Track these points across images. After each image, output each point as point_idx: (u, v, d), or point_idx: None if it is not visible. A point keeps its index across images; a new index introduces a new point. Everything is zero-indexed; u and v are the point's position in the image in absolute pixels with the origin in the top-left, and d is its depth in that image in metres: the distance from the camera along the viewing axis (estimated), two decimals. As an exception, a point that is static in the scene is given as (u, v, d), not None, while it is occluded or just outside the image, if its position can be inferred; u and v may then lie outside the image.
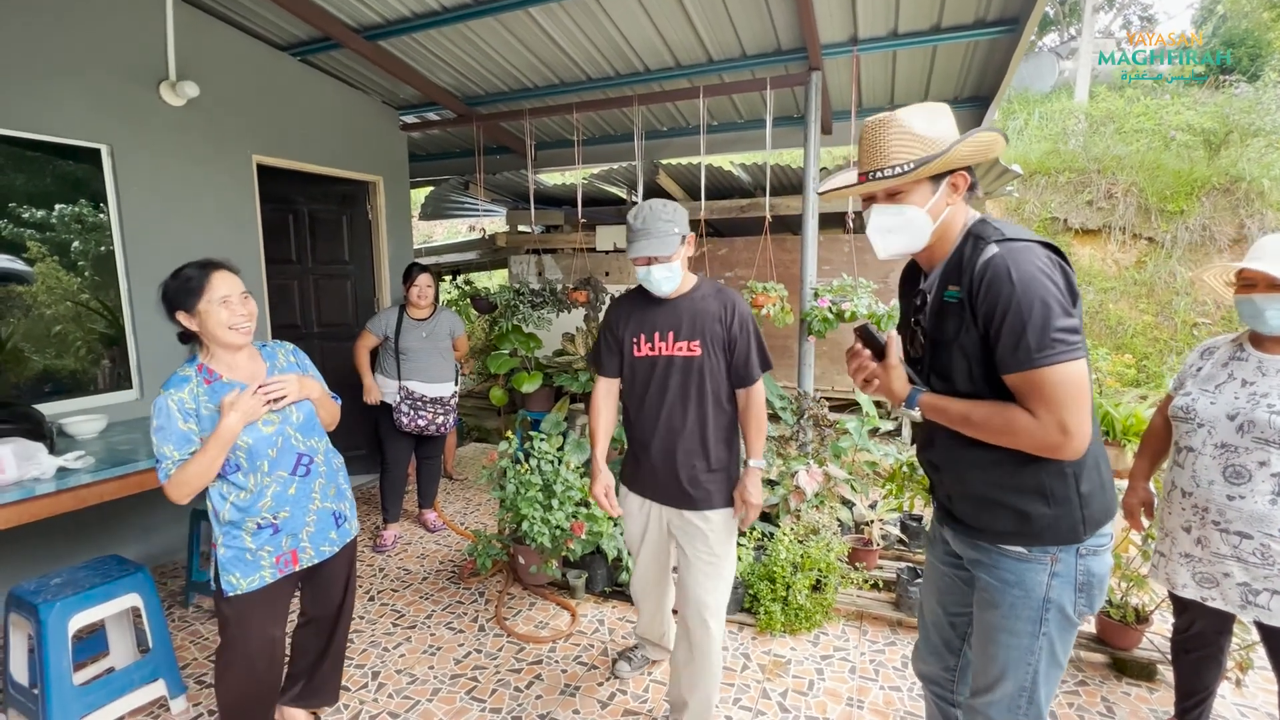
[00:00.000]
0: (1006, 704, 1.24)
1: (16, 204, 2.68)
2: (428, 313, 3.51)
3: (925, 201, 1.18)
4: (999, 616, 1.22)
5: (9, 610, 2.00)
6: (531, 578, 2.93)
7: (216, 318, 1.60)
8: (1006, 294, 1.06)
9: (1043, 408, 1.05)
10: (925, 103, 1.22)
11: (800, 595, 2.56)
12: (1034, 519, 1.16)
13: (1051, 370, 1.04)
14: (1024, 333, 1.05)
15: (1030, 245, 1.11)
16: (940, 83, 3.77)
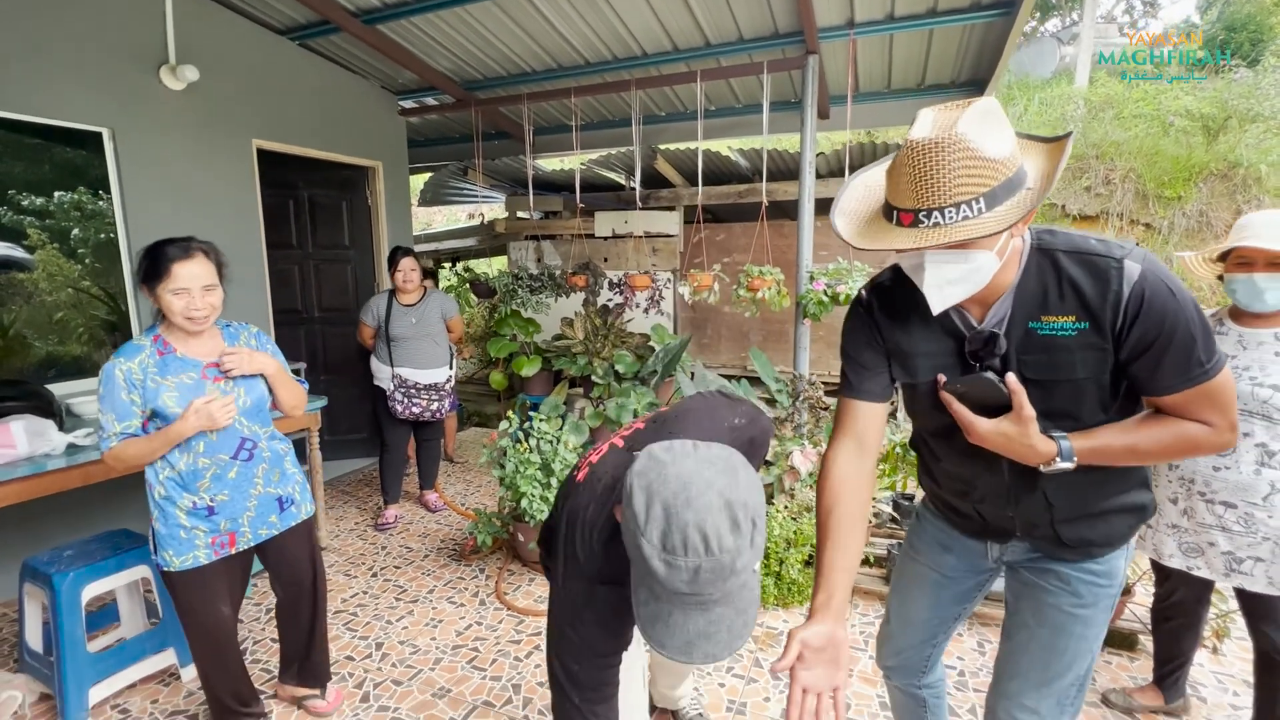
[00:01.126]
0: (1058, 698, 1.18)
1: (16, 191, 2.70)
2: (416, 297, 3.47)
3: (995, 244, 0.95)
4: (1081, 608, 1.14)
5: (24, 580, 2.06)
6: (531, 554, 2.99)
7: (169, 305, 1.61)
8: (1173, 313, 0.94)
9: (1217, 414, 1.00)
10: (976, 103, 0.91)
11: (793, 570, 2.62)
12: (1145, 509, 1.14)
13: (1221, 377, 0.98)
14: (1195, 348, 0.96)
15: (1146, 253, 1.00)
16: (937, 67, 3.78)
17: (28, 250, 2.78)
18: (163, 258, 1.60)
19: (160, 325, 1.69)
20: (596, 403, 4.03)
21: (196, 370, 1.68)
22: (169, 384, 1.63)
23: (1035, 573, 1.21)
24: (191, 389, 1.65)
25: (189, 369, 1.67)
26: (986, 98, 0.94)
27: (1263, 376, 1.57)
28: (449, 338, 3.61)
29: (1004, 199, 0.90)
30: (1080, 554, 1.14)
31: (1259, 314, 1.62)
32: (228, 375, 1.71)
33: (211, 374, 1.70)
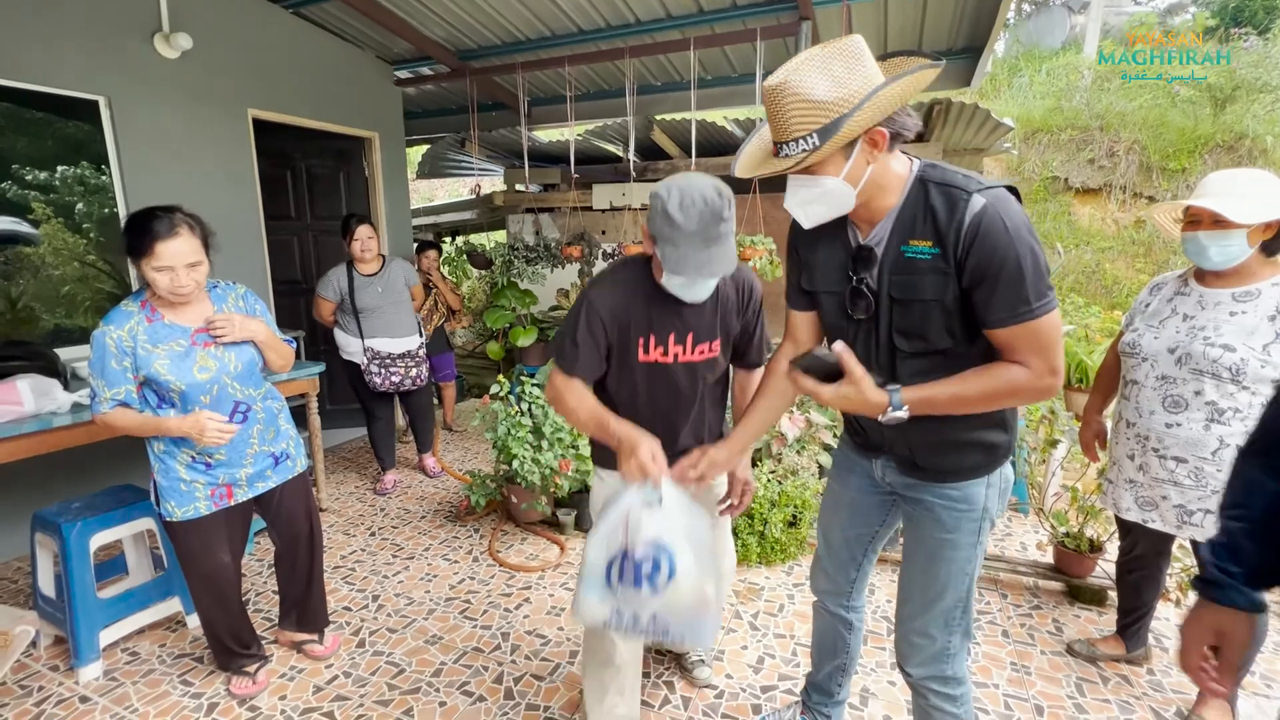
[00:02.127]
0: (943, 618, 1.29)
1: (19, 165, 2.72)
2: (376, 266, 3.37)
3: (841, 169, 1.08)
4: (945, 533, 1.25)
5: (35, 530, 2.16)
6: (523, 515, 3.09)
7: (154, 280, 1.61)
8: (1004, 246, 1.01)
9: (1037, 355, 1.05)
10: (832, 45, 1.04)
11: (776, 529, 2.70)
12: (998, 447, 1.23)
13: (1047, 319, 1.04)
14: (1022, 285, 1.02)
15: (1006, 193, 1.07)
16: (933, 33, 3.75)
17: (33, 224, 2.82)
18: (146, 234, 1.57)
19: (147, 291, 1.70)
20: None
21: (185, 337, 1.71)
22: (160, 352, 1.66)
23: (911, 503, 1.33)
24: (182, 356, 1.69)
25: (178, 335, 1.70)
26: (852, 36, 1.05)
27: (1215, 336, 1.61)
28: (413, 305, 3.53)
29: (834, 133, 1.02)
30: (936, 478, 1.26)
31: (1219, 274, 1.65)
32: (218, 341, 1.74)
33: (201, 339, 1.73)
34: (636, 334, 1.46)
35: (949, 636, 1.31)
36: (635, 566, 1.27)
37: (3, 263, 2.75)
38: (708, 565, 1.30)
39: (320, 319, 3.47)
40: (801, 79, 1.03)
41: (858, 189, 1.10)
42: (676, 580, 1.27)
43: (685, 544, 1.28)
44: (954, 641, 1.31)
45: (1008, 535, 2.99)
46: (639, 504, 1.30)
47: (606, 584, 1.32)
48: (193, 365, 1.70)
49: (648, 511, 1.28)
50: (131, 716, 1.91)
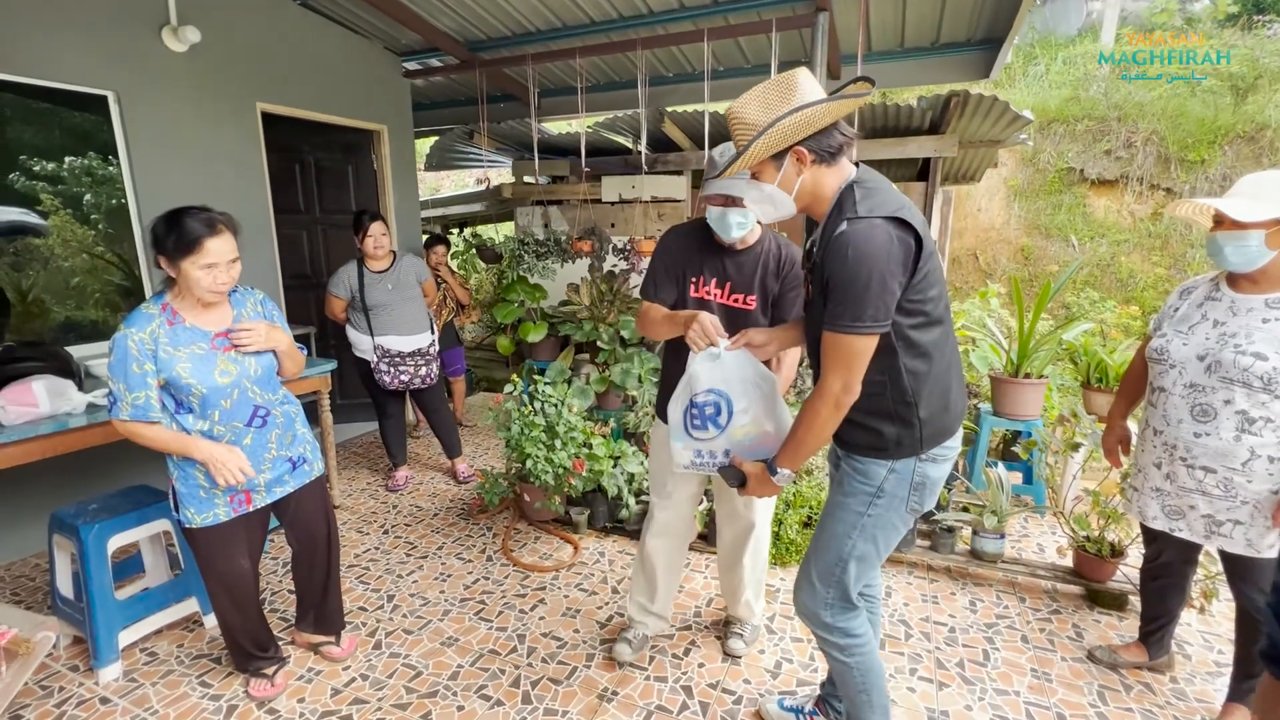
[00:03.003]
0: (824, 569, 1.47)
1: (27, 157, 2.70)
2: (387, 263, 3.32)
3: (774, 178, 1.31)
4: (840, 495, 1.46)
5: (52, 531, 2.16)
6: (536, 514, 3.08)
7: (196, 280, 1.61)
8: (842, 267, 1.21)
9: (832, 366, 1.27)
10: (776, 78, 1.26)
11: (791, 530, 2.68)
12: (885, 436, 1.37)
13: (851, 338, 1.23)
14: (845, 301, 1.21)
15: (874, 224, 1.21)
16: (952, 23, 3.67)
17: (41, 215, 2.80)
18: (192, 231, 1.58)
19: (169, 293, 1.70)
20: (602, 368, 4.07)
21: (206, 340, 1.70)
22: (181, 355, 1.65)
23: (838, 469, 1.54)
24: (203, 359, 1.68)
25: (199, 339, 1.69)
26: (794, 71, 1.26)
27: (1246, 344, 1.57)
28: (425, 302, 3.48)
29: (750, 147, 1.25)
30: (845, 448, 1.46)
31: (1251, 279, 1.61)
32: (240, 351, 1.74)
33: (221, 344, 1.72)
34: (691, 273, 1.83)
35: (826, 589, 1.48)
36: (700, 410, 1.59)
37: (13, 254, 2.74)
38: (763, 408, 1.55)
39: (333, 316, 3.44)
40: (743, 105, 1.28)
41: (793, 195, 1.33)
42: (735, 418, 1.55)
43: (740, 389, 1.54)
44: (831, 595, 1.48)
45: (1024, 536, 2.97)
46: (699, 362, 1.58)
47: (686, 432, 1.64)
48: (214, 369, 1.69)
49: (706, 367, 1.57)
50: (151, 718, 1.92)
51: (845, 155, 1.32)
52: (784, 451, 1.41)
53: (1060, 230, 6.84)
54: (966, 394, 1.52)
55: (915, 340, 1.31)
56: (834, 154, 1.29)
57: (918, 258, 1.24)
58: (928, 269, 1.26)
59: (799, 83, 1.24)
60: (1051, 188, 7.00)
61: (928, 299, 1.28)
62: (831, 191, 1.31)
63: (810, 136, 1.26)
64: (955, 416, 1.42)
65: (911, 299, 1.27)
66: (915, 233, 1.23)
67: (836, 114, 1.26)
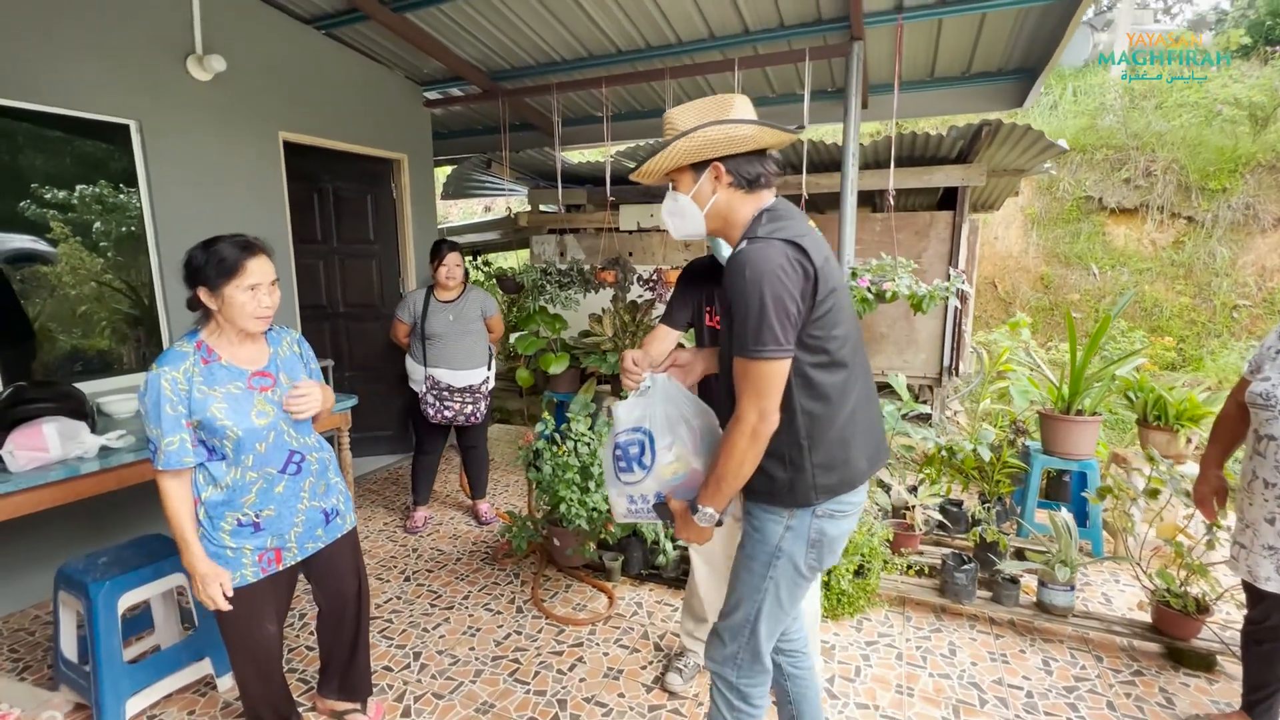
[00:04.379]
0: (734, 629, 1.41)
1: (39, 185, 2.65)
2: (456, 293, 3.29)
3: (689, 189, 1.31)
4: (743, 555, 1.40)
5: (58, 589, 2.00)
6: (567, 560, 2.91)
7: (241, 306, 1.53)
8: (738, 288, 1.18)
9: (744, 394, 1.21)
10: (717, 96, 1.29)
11: (843, 580, 2.52)
12: (776, 480, 1.30)
13: (759, 364, 1.18)
14: (745, 325, 1.18)
15: (771, 243, 1.20)
16: (985, 53, 3.62)
17: (50, 243, 2.74)
18: (231, 254, 1.51)
19: (203, 330, 1.60)
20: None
21: (243, 379, 1.59)
22: (217, 394, 1.54)
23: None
24: (239, 399, 1.57)
25: (235, 379, 1.58)
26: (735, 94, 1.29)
27: None
28: (489, 338, 3.40)
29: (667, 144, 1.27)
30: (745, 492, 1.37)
31: None
32: (295, 414, 1.64)
33: (258, 383, 1.62)
34: (705, 302, 1.80)
35: (736, 647, 1.42)
36: (624, 450, 1.47)
37: (19, 281, 2.67)
38: (691, 444, 1.41)
39: (396, 341, 3.45)
40: (678, 111, 1.30)
41: (705, 211, 1.32)
42: (658, 456, 1.41)
43: (663, 425, 1.42)
44: (741, 654, 1.42)
45: (1086, 585, 2.80)
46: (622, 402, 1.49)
47: (616, 478, 1.50)
48: (251, 409, 1.58)
49: (626, 405, 1.48)
50: (161, 800, 1.74)
51: (764, 188, 1.32)
52: (704, 488, 1.31)
53: (1080, 259, 6.77)
54: (885, 450, 1.43)
55: (814, 380, 1.26)
56: (751, 182, 1.30)
57: (816, 289, 1.21)
58: (830, 305, 1.23)
59: (735, 104, 1.27)
60: (1069, 216, 6.96)
61: (830, 337, 1.25)
62: (744, 219, 1.31)
63: (731, 157, 1.28)
64: (858, 471, 1.34)
65: (812, 334, 1.23)
66: (812, 260, 1.21)
67: (761, 141, 1.28)
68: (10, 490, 1.94)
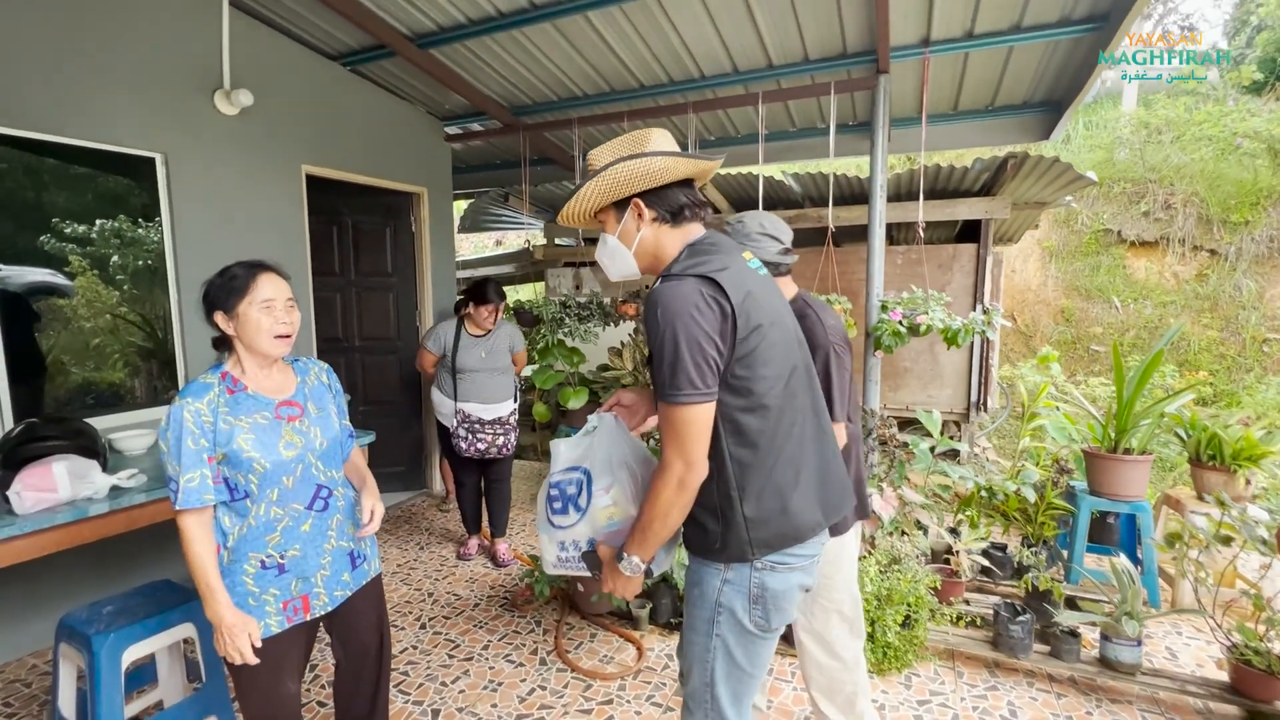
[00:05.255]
0: (697, 695, 1.31)
1: (60, 219, 2.67)
2: (488, 329, 3.35)
3: (614, 229, 1.28)
4: (688, 615, 1.32)
5: (59, 640, 1.88)
6: (591, 607, 2.76)
7: (256, 322, 1.46)
8: (654, 328, 1.13)
9: (667, 440, 1.14)
10: (633, 132, 1.28)
11: (889, 632, 2.36)
12: (709, 533, 1.23)
13: (677, 409, 1.12)
14: (661, 366, 1.12)
15: (685, 280, 1.15)
16: (1011, 86, 3.61)
17: (68, 277, 2.74)
18: (241, 274, 1.48)
19: (227, 361, 1.53)
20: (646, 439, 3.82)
21: (269, 409, 1.51)
22: (243, 424, 1.46)
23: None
24: (267, 429, 1.49)
25: (262, 409, 1.50)
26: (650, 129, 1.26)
27: None
28: (514, 371, 3.45)
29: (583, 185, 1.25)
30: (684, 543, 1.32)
31: None
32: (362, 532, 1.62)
33: (285, 413, 1.53)
34: None
35: (703, 715, 1.31)
36: (560, 490, 1.38)
37: (36, 314, 2.65)
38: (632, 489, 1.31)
39: (422, 369, 3.46)
40: (597, 152, 1.28)
41: (632, 249, 1.28)
42: (595, 498, 1.31)
43: (603, 465, 1.33)
44: None
45: (1147, 638, 2.62)
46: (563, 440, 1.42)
47: (548, 521, 1.39)
48: (278, 440, 1.49)
49: (567, 443, 1.41)
50: None
51: (692, 219, 1.28)
52: (631, 535, 1.23)
53: (1101, 292, 6.69)
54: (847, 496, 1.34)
55: (741, 425, 1.18)
56: (676, 214, 1.25)
57: (736, 328, 1.14)
58: (755, 344, 1.16)
59: (652, 138, 1.24)
60: (1088, 249, 6.90)
61: (756, 377, 1.17)
62: (673, 254, 1.26)
63: (651, 191, 1.24)
64: (801, 523, 1.22)
65: (736, 374, 1.16)
66: (728, 296, 1.14)
67: (678, 172, 1.23)
68: (14, 534, 1.84)
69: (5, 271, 2.54)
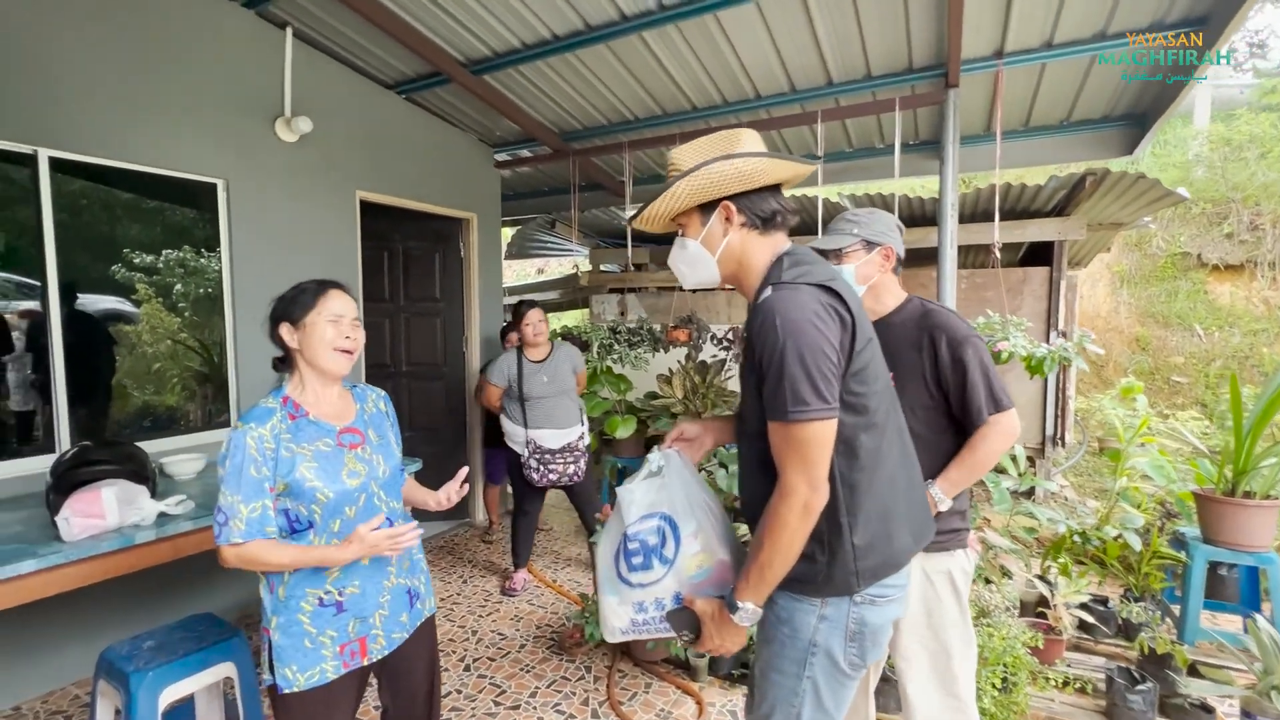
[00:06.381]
0: None
1: (130, 250, 2.77)
2: (545, 352, 3.27)
3: (698, 233, 1.20)
4: (769, 654, 1.20)
5: (98, 676, 1.80)
6: (646, 654, 2.56)
7: (321, 335, 1.39)
8: (772, 342, 1.05)
9: (788, 463, 1.05)
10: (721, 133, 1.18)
11: (986, 697, 2.09)
12: (812, 565, 1.12)
13: (800, 427, 1.03)
14: (781, 383, 1.04)
15: (801, 289, 1.08)
16: (1090, 99, 3.38)
17: (134, 304, 2.82)
18: (311, 288, 1.43)
19: (288, 384, 1.45)
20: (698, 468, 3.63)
21: (331, 437, 1.42)
22: (306, 452, 1.37)
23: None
24: (330, 458, 1.39)
25: (324, 435, 1.41)
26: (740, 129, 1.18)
27: None
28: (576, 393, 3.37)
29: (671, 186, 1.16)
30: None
31: None
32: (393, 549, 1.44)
33: (347, 440, 1.44)
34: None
35: None
36: (641, 543, 1.22)
37: (104, 339, 2.74)
38: (715, 532, 1.20)
39: (488, 405, 3.40)
40: (680, 151, 1.20)
41: (716, 256, 1.20)
42: (683, 545, 1.19)
43: (684, 507, 1.21)
44: None
45: None
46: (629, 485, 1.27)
47: (620, 580, 1.24)
48: (341, 469, 1.40)
49: (640, 487, 1.26)
50: None
51: (780, 228, 1.21)
52: (745, 579, 1.10)
53: (1181, 319, 6.24)
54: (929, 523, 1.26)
55: (854, 444, 1.10)
56: (766, 220, 1.18)
57: (855, 339, 1.09)
58: (868, 359, 1.11)
59: (743, 138, 1.17)
60: (1164, 273, 6.48)
61: (871, 393, 1.11)
62: (762, 263, 1.19)
63: (743, 195, 1.16)
64: (902, 549, 1.16)
65: (852, 390, 1.09)
66: (848, 306, 1.09)
67: (774, 175, 1.17)
68: (60, 562, 1.78)
69: (80, 300, 2.62)
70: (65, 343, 2.51)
